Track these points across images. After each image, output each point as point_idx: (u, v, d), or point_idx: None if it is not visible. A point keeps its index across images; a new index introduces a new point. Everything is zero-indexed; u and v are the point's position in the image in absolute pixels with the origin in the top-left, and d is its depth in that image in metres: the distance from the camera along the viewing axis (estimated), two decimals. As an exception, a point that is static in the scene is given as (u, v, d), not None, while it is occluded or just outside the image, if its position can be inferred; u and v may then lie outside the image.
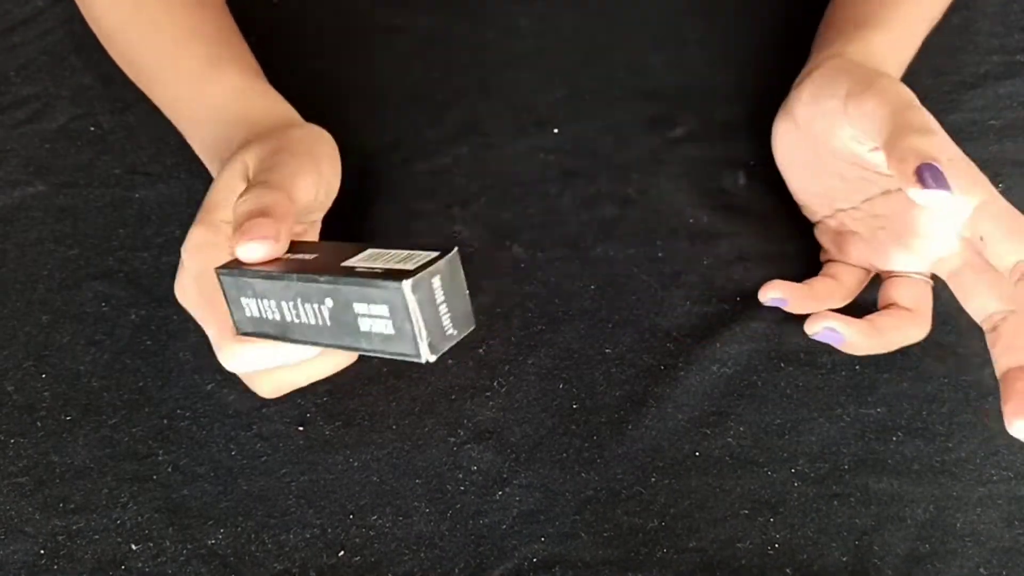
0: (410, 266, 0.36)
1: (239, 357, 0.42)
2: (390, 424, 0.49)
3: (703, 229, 0.55)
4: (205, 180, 0.57)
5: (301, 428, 0.49)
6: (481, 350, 0.51)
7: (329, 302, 0.37)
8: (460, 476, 0.47)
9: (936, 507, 0.46)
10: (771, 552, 0.45)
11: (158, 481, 0.48)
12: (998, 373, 0.42)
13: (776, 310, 0.52)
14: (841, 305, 0.51)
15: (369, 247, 0.39)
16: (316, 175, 0.46)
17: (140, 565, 0.45)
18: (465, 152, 0.58)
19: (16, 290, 0.54)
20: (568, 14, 0.65)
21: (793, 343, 0.51)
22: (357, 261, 0.38)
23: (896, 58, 0.52)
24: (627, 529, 0.46)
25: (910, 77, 0.60)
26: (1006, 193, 0.56)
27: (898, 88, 0.44)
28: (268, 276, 0.39)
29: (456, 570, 0.45)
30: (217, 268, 0.41)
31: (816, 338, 0.48)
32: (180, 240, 0.54)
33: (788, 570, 0.45)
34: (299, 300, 0.38)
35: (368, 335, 0.37)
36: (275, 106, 0.52)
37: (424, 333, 0.36)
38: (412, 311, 0.35)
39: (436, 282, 0.36)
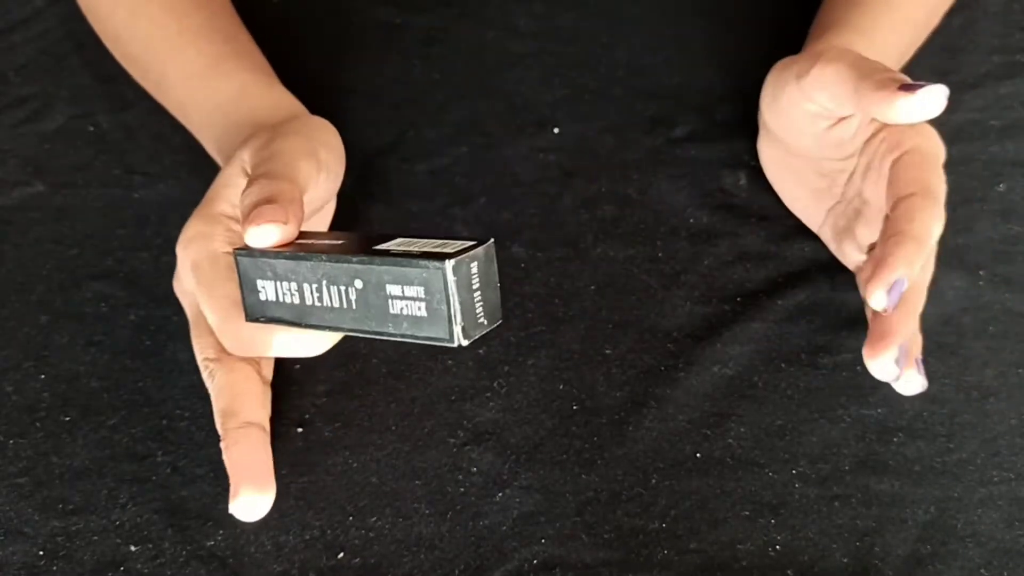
0: (449, 250, 0.36)
1: (247, 341, 0.42)
2: (390, 425, 0.49)
3: (703, 229, 0.55)
4: (205, 180, 0.57)
5: (300, 429, 0.49)
6: (481, 350, 0.51)
7: (359, 283, 0.38)
8: (460, 477, 0.47)
9: (937, 508, 0.46)
10: (772, 554, 0.45)
11: (157, 482, 0.47)
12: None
13: (777, 312, 0.52)
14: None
15: (400, 235, 0.39)
16: (314, 160, 0.45)
17: (139, 566, 0.45)
18: (465, 152, 0.58)
19: (15, 290, 0.53)
20: (568, 14, 0.65)
21: (794, 344, 0.51)
22: (390, 245, 0.38)
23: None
24: (628, 531, 0.46)
25: (911, 77, 0.60)
26: (1006, 193, 0.57)
27: (845, 49, 0.46)
28: (293, 256, 0.39)
29: (456, 572, 0.45)
30: (235, 249, 0.41)
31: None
32: (179, 240, 0.55)
33: (789, 572, 0.45)
34: (325, 281, 0.38)
35: (397, 318, 0.37)
36: (281, 101, 0.52)
37: (459, 316, 0.36)
38: (451, 292, 0.35)
39: (474, 267, 0.36)
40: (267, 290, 0.40)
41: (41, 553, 0.45)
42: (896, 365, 0.42)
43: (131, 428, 0.49)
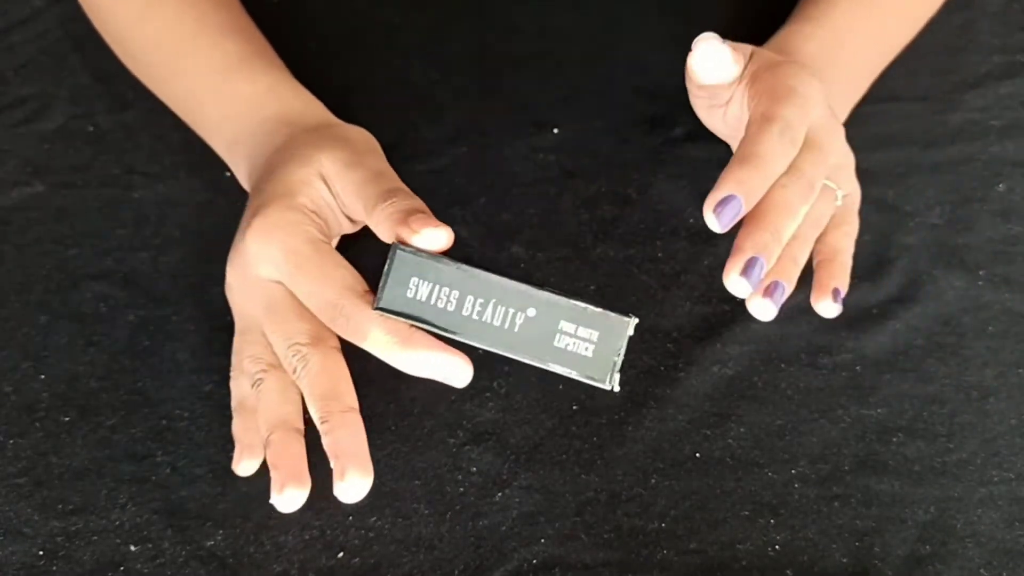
0: (612, 312, 0.41)
1: (381, 328, 0.42)
2: (389, 425, 0.49)
3: (703, 229, 0.55)
4: (204, 180, 0.57)
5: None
6: (481, 350, 0.51)
7: (531, 311, 0.41)
8: (460, 478, 0.47)
9: (937, 508, 0.46)
10: (772, 553, 0.45)
11: (157, 482, 0.47)
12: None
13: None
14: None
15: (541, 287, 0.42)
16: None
17: (139, 566, 0.45)
18: (465, 152, 0.58)
19: (14, 291, 0.53)
20: (568, 14, 0.65)
21: (793, 344, 0.51)
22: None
23: (816, 47, 0.53)
24: (627, 531, 0.46)
25: (910, 77, 0.60)
26: (1006, 193, 0.57)
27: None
28: (467, 268, 0.41)
29: (456, 572, 0.45)
30: (395, 243, 0.41)
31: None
32: (179, 240, 0.55)
33: (789, 571, 0.45)
34: (494, 300, 0.41)
35: (559, 353, 0.41)
36: (309, 104, 0.53)
37: (619, 366, 0.40)
38: (623, 344, 0.40)
39: (631, 331, 0.41)
40: (419, 289, 0.41)
41: (41, 553, 0.45)
42: (743, 280, 0.42)
43: (130, 428, 0.49)
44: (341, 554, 0.45)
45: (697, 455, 0.48)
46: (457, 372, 0.42)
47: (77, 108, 0.60)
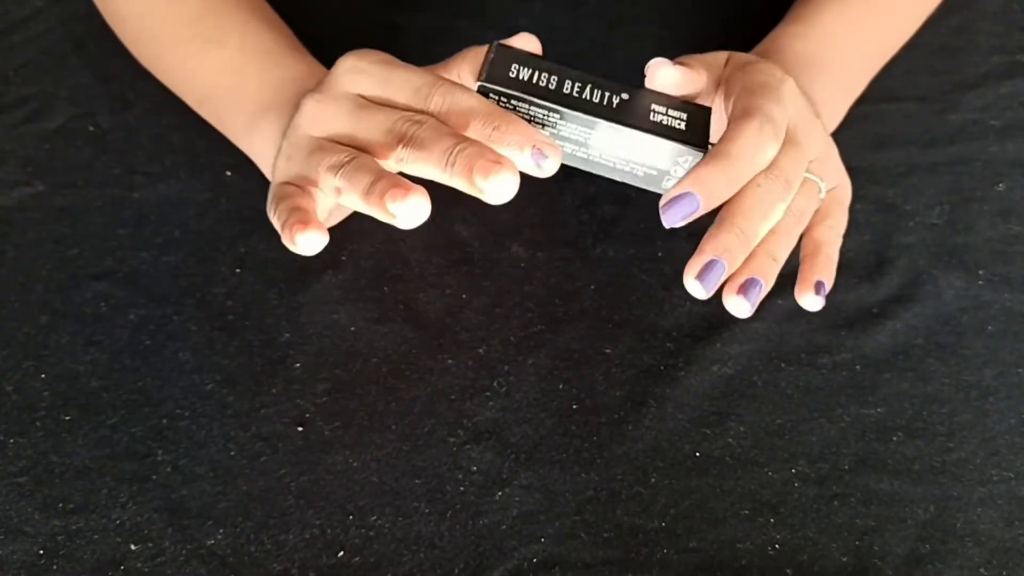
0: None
1: (481, 101, 0.42)
2: (390, 424, 0.49)
3: (703, 229, 0.55)
4: (205, 180, 0.57)
5: (300, 428, 0.49)
6: (481, 350, 0.51)
7: (625, 95, 0.45)
8: (460, 476, 0.47)
9: (936, 507, 0.46)
10: (771, 552, 0.45)
11: (157, 481, 0.47)
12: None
13: (777, 312, 0.52)
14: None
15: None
16: None
17: (139, 565, 0.45)
18: (465, 152, 0.58)
19: (15, 290, 0.53)
20: (568, 14, 0.65)
21: (793, 343, 0.51)
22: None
23: (803, 47, 0.54)
24: (627, 530, 0.46)
25: (910, 77, 0.60)
26: (1006, 193, 0.57)
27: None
28: (562, 66, 0.44)
29: (456, 570, 0.45)
30: (496, 42, 0.44)
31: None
32: (180, 240, 0.55)
33: (788, 570, 0.45)
34: (591, 85, 0.44)
35: (656, 124, 0.44)
36: None
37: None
38: (709, 118, 0.45)
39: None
40: (521, 72, 0.44)
41: (41, 552, 0.45)
42: (698, 283, 0.43)
43: (131, 427, 0.49)
44: (341, 553, 0.45)
45: (697, 454, 0.48)
46: (549, 156, 0.42)
47: (78, 108, 0.60)
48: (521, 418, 0.49)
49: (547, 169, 0.43)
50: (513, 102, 0.43)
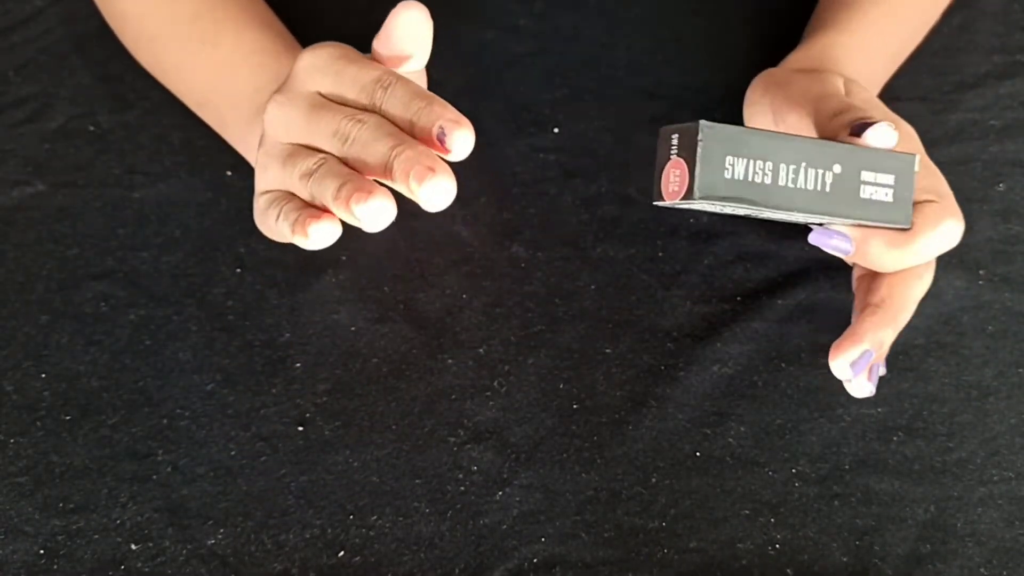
0: (896, 151, 0.43)
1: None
2: (390, 424, 0.49)
3: (703, 229, 0.55)
4: (205, 180, 0.57)
5: (301, 428, 0.49)
6: (481, 350, 0.51)
7: (837, 168, 0.41)
8: (460, 476, 0.47)
9: (937, 507, 0.46)
10: (772, 552, 0.45)
11: (158, 481, 0.47)
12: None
13: (777, 312, 0.52)
14: None
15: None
16: None
17: (140, 565, 0.45)
18: (465, 152, 0.58)
19: (15, 290, 0.53)
20: (568, 14, 0.65)
21: (794, 343, 0.51)
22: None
23: (855, 59, 0.53)
24: (627, 529, 0.46)
25: (910, 77, 0.60)
26: (1006, 193, 0.57)
27: (807, 89, 0.48)
28: (773, 135, 0.41)
29: (456, 570, 0.45)
30: (701, 120, 0.40)
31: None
32: (180, 240, 0.55)
33: (789, 570, 0.45)
34: (804, 163, 0.41)
35: (866, 203, 0.42)
36: None
37: (912, 202, 0.43)
38: (913, 182, 0.43)
39: (917, 167, 0.43)
40: (737, 167, 0.40)
41: (41, 552, 0.45)
42: (851, 368, 0.45)
43: (131, 427, 0.49)
44: (342, 553, 0.45)
45: (697, 454, 0.48)
46: (455, 136, 0.42)
47: (78, 108, 0.60)
48: (521, 418, 0.49)
49: (457, 150, 0.42)
50: (731, 206, 0.41)
